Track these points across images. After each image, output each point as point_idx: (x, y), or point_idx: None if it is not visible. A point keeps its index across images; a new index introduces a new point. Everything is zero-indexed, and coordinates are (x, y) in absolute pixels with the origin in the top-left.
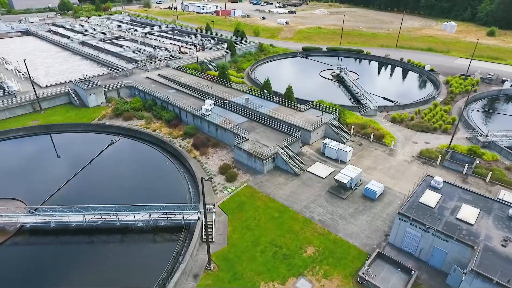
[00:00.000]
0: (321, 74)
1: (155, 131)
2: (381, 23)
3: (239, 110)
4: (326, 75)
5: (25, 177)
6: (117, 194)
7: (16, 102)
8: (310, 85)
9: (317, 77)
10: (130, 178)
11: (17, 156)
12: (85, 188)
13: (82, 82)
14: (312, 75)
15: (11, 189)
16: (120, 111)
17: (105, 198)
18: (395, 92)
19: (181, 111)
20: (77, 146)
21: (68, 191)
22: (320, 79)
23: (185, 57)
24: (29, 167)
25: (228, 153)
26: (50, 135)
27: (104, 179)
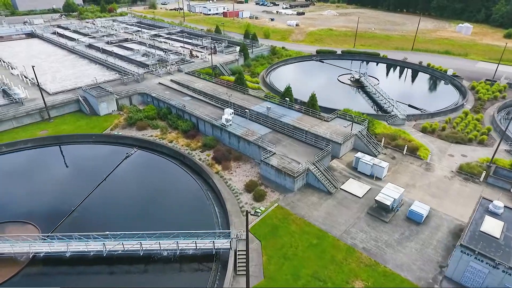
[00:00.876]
0: (339, 78)
1: (172, 142)
2: (393, 25)
3: (260, 120)
4: (345, 80)
5: (35, 195)
6: (137, 215)
7: (24, 110)
8: (328, 91)
9: (335, 82)
10: (150, 198)
11: (25, 171)
12: (101, 209)
13: (93, 89)
14: (330, 80)
15: (21, 210)
16: (134, 120)
17: (124, 221)
18: (418, 98)
19: (199, 120)
20: (90, 160)
21: (84, 212)
22: (338, 84)
23: (197, 61)
24: (39, 183)
25: (252, 167)
26: (60, 146)
27: (121, 198)
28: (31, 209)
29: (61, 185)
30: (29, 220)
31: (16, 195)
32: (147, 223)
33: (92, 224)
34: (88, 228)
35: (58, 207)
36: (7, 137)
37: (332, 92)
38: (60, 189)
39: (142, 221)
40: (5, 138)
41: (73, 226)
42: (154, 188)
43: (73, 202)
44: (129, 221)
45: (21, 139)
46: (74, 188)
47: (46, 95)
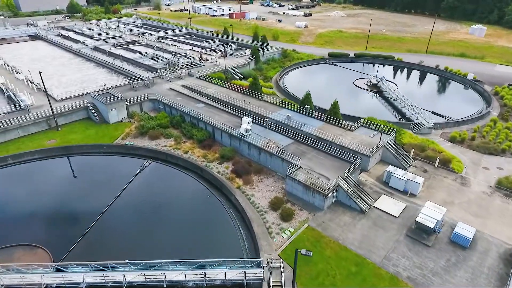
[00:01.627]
0: (355, 83)
1: (187, 153)
2: (403, 26)
3: (280, 129)
4: (361, 85)
5: (44, 213)
6: (156, 238)
7: (30, 118)
8: (345, 96)
9: (351, 87)
10: (170, 217)
11: (33, 185)
12: (117, 230)
13: (102, 95)
14: (345, 85)
15: (29, 231)
16: (146, 129)
17: (142, 243)
18: (439, 105)
19: (215, 129)
20: (102, 173)
21: (98, 234)
22: (354, 89)
23: (207, 64)
24: (48, 200)
25: (275, 182)
26: (69, 158)
27: (138, 218)
28: (41, 230)
29: (72, 201)
30: (39, 244)
31: (23, 213)
32: (168, 246)
33: (108, 248)
34: (103, 252)
35: (70, 227)
36: (13, 147)
37: (349, 97)
38: (71, 206)
39: (162, 244)
40: (11, 148)
41: (87, 250)
42: (173, 206)
43: (86, 222)
44: (147, 243)
45: (27, 150)
46: (86, 206)
47: (53, 102)
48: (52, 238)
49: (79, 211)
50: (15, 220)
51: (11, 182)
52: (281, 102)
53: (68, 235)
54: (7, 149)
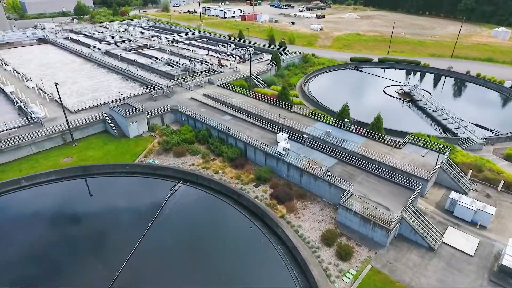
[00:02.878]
0: (385, 90)
1: (218, 173)
2: (422, 29)
3: (321, 146)
4: (392, 92)
5: (64, 249)
6: (196, 281)
7: (45, 133)
8: (376, 106)
9: (381, 95)
10: (209, 255)
11: (50, 213)
12: (152, 272)
13: (120, 106)
14: (375, 92)
15: (45, 271)
16: (170, 145)
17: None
18: (480, 116)
19: (248, 146)
20: (127, 198)
21: (130, 278)
22: (385, 97)
23: (226, 70)
24: (68, 231)
25: (322, 209)
26: (88, 179)
27: (174, 255)
28: (61, 272)
29: (97, 234)
30: (60, 285)
31: (39, 248)
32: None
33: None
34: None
35: (97, 269)
36: (26, 165)
37: (381, 107)
38: (97, 240)
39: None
40: (24, 167)
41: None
42: (212, 240)
43: (115, 263)
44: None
45: (42, 169)
46: (114, 239)
47: (68, 114)
48: (74, 281)
49: (105, 247)
50: (29, 256)
51: (25, 208)
52: (313, 114)
53: (96, 279)
54: (20, 168)
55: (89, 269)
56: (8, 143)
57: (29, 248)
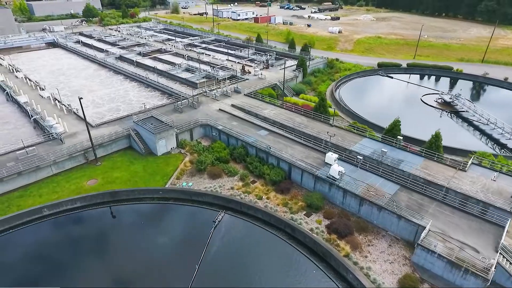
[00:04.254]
0: (423, 99)
1: (261, 198)
2: (443, 31)
3: (375, 168)
4: (430, 101)
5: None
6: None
7: (66, 152)
8: (417, 117)
9: (420, 105)
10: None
11: (77, 248)
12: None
13: (146, 120)
14: (412, 102)
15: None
16: (204, 166)
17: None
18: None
19: (293, 168)
20: (164, 231)
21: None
22: (424, 107)
23: (250, 77)
24: (98, 271)
25: (390, 245)
26: (117, 207)
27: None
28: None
29: (133, 277)
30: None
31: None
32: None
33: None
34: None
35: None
36: (47, 189)
37: (422, 119)
38: (133, 285)
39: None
40: (44, 191)
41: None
42: (268, 283)
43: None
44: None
45: (65, 195)
46: (158, 284)
47: (90, 129)
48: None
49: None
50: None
51: (49, 242)
52: (357, 128)
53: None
54: (40, 193)
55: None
56: (26, 164)
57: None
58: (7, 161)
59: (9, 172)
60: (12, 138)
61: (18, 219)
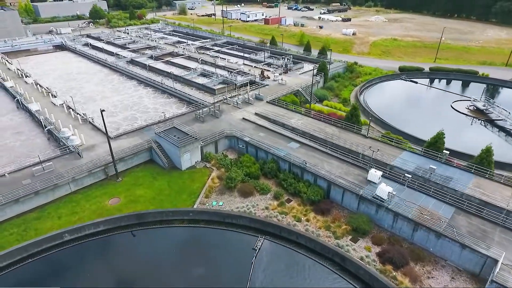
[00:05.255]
0: (453, 106)
1: (300, 220)
2: (460, 33)
3: (423, 187)
4: (462, 109)
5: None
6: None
7: (86, 168)
8: (450, 125)
9: (450, 112)
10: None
11: (101, 278)
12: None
13: (168, 132)
14: (442, 108)
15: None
16: (235, 182)
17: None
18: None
19: (332, 186)
20: (197, 259)
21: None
22: (455, 115)
23: (270, 83)
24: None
25: (453, 278)
26: (144, 231)
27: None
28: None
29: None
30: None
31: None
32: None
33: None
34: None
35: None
36: (65, 210)
37: (455, 127)
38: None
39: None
40: (63, 212)
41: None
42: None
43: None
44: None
45: (87, 218)
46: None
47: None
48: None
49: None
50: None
51: (72, 273)
52: (395, 141)
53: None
54: (59, 214)
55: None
56: (44, 182)
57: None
58: (22, 178)
59: (25, 192)
60: (25, 150)
61: (36, 246)
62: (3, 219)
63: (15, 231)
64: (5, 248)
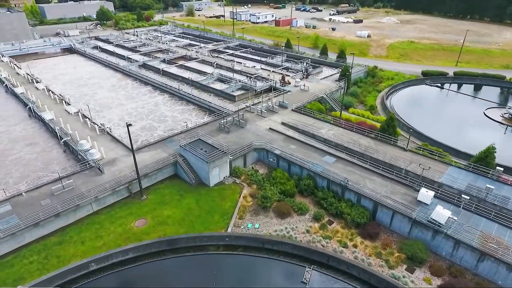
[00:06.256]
0: (486, 113)
1: (347, 246)
2: (477, 36)
3: (481, 209)
4: (495, 116)
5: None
6: None
7: (109, 186)
8: (484, 135)
9: (484, 120)
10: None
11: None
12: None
13: (193, 144)
14: (473, 117)
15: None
16: (271, 202)
17: None
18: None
19: (379, 207)
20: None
21: None
22: (490, 123)
23: (292, 89)
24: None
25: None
26: (177, 259)
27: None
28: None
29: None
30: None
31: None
32: None
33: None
34: None
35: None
36: (88, 233)
37: (486, 135)
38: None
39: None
40: (86, 235)
41: None
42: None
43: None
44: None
45: (113, 244)
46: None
47: (128, 153)
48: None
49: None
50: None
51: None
52: (438, 155)
53: None
54: (82, 238)
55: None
56: (65, 203)
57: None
58: (41, 197)
59: (46, 215)
60: (40, 163)
61: (60, 278)
62: (22, 245)
63: (35, 259)
64: (26, 279)
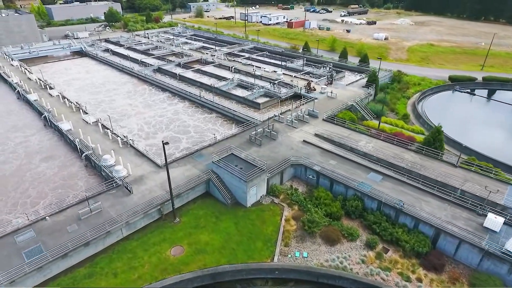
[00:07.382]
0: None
1: (410, 280)
2: (497, 38)
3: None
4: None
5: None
6: None
7: (140, 209)
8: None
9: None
10: None
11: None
12: None
13: (226, 160)
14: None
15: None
16: (319, 227)
17: None
18: None
19: (442, 234)
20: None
21: None
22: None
23: (318, 96)
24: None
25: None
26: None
27: None
28: None
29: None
30: None
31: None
32: None
33: None
34: None
35: None
36: (120, 263)
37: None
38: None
39: None
40: (119, 266)
41: None
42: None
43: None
44: None
45: (149, 275)
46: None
47: (156, 169)
48: None
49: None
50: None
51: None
52: (494, 172)
53: None
54: (114, 269)
55: None
56: (95, 230)
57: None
58: (67, 222)
59: (75, 244)
60: (60, 179)
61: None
62: (48, 278)
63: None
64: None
